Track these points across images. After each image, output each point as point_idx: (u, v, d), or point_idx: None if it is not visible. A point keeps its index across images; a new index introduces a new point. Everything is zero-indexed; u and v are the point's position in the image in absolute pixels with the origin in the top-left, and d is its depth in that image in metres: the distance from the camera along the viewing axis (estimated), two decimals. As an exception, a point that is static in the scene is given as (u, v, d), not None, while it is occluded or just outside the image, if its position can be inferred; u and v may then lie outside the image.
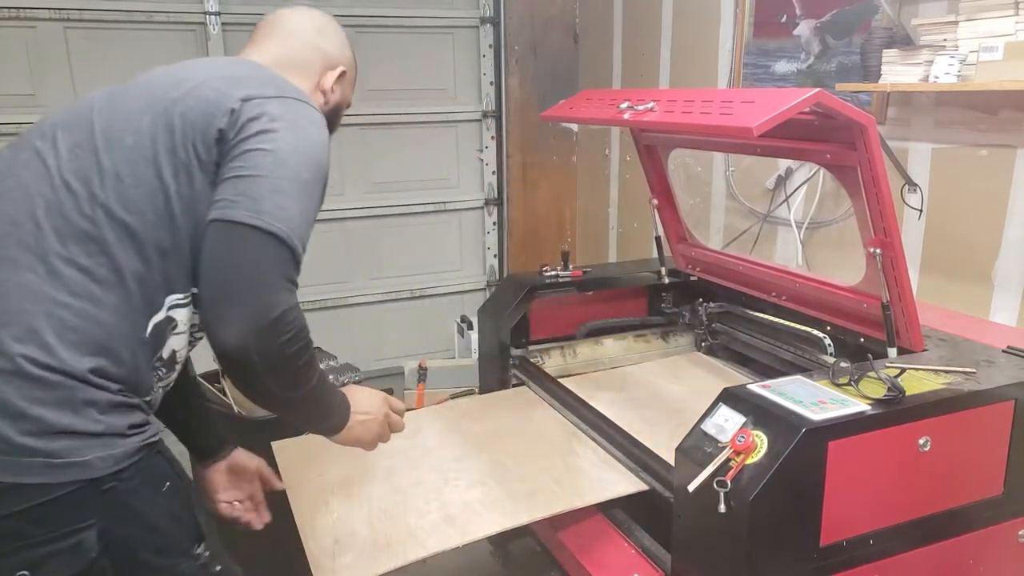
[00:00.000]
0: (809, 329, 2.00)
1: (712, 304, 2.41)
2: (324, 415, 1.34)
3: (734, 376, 2.28)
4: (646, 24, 3.76)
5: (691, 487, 1.34)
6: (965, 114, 2.36)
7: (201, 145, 1.17)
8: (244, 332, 1.09)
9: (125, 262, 1.16)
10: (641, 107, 1.77)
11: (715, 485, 1.29)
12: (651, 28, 3.72)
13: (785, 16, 2.94)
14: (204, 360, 2.85)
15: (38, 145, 1.22)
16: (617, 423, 1.87)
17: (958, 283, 2.45)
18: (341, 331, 4.21)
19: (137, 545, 1.18)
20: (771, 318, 2.15)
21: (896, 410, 1.36)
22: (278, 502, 1.99)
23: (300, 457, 1.85)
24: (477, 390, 2.58)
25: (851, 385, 1.43)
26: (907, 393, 1.39)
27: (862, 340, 1.84)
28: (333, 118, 1.45)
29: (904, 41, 2.43)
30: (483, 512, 1.61)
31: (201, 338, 1.28)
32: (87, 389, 1.12)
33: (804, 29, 2.86)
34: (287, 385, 1.18)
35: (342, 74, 1.44)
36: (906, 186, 2.54)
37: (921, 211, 2.52)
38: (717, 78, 3.31)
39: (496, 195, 4.45)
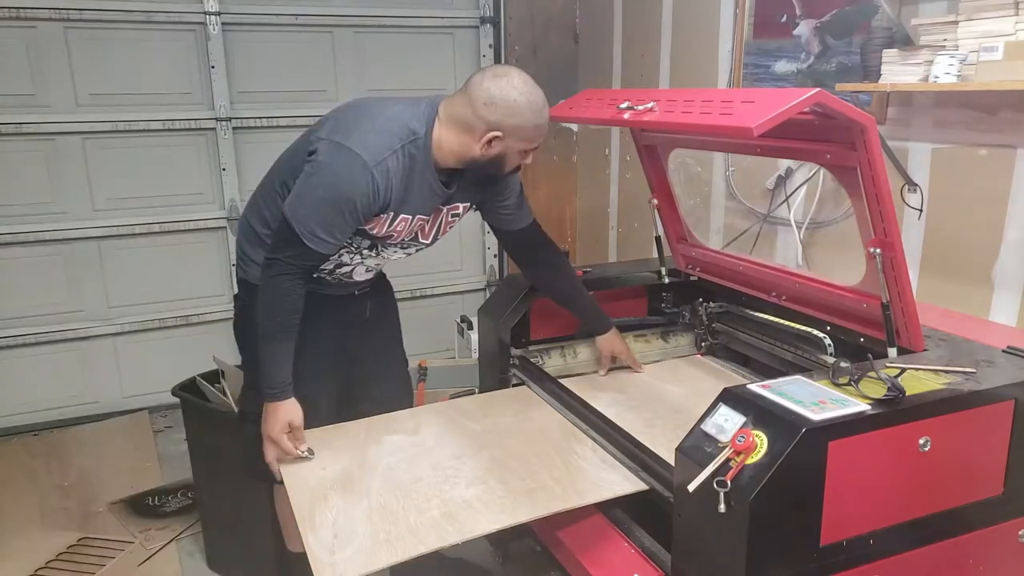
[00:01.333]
0: (809, 329, 2.00)
1: (712, 304, 2.41)
2: (262, 369, 1.83)
3: (734, 376, 2.29)
4: (646, 24, 3.77)
5: (691, 487, 1.34)
6: (965, 114, 2.36)
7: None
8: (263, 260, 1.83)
9: None
10: (641, 107, 1.77)
11: (715, 485, 1.29)
12: (651, 28, 3.72)
13: (785, 16, 2.94)
14: (205, 361, 2.87)
15: None
16: (617, 423, 1.87)
17: (958, 283, 2.45)
18: (341, 331, 4.21)
19: (247, 320, 1.91)
20: (771, 318, 2.15)
21: (896, 410, 1.37)
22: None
23: (300, 456, 1.85)
24: (477, 390, 2.58)
25: (851, 385, 1.43)
26: (907, 393, 1.39)
27: (862, 340, 1.84)
28: (496, 164, 1.84)
29: (904, 41, 2.44)
30: (482, 510, 1.61)
31: (369, 264, 2.00)
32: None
33: (804, 29, 2.86)
34: (260, 311, 1.81)
35: (496, 138, 1.77)
36: (906, 186, 2.54)
37: (921, 211, 2.52)
38: (717, 78, 3.31)
39: (496, 195, 4.45)
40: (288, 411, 1.81)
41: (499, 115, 1.76)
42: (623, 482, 1.70)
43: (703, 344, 2.47)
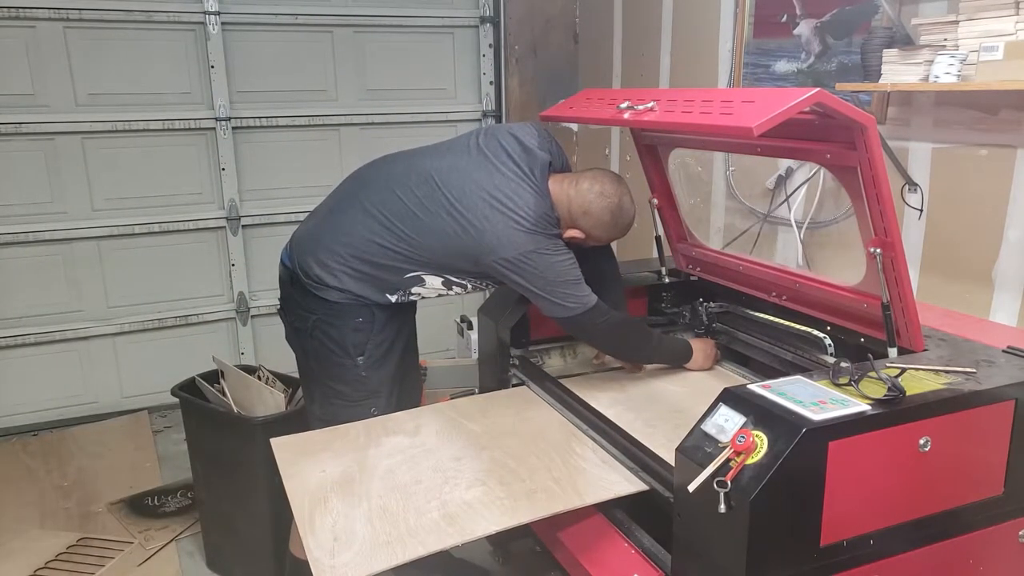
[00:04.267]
0: (809, 329, 2.00)
1: (712, 304, 2.40)
2: (664, 361, 2.29)
3: (734, 376, 2.28)
4: (646, 24, 3.77)
5: (691, 487, 1.34)
6: (965, 114, 2.36)
7: None
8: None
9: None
10: (641, 107, 1.77)
11: (715, 485, 1.29)
12: (651, 28, 3.72)
13: (785, 16, 2.94)
14: (204, 361, 2.86)
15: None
16: (617, 423, 1.87)
17: (958, 283, 2.45)
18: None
19: (327, 333, 2.06)
20: (771, 318, 2.15)
21: (896, 410, 1.36)
22: (278, 500, 1.99)
23: (300, 454, 1.84)
24: (477, 390, 2.57)
25: (851, 385, 1.43)
26: (907, 393, 1.39)
27: (862, 340, 1.84)
28: (574, 244, 2.04)
29: (904, 41, 2.43)
30: (483, 511, 1.61)
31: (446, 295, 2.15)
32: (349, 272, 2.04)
33: (804, 29, 2.86)
34: (642, 350, 2.21)
35: (577, 236, 2.01)
36: (906, 186, 2.54)
37: (921, 211, 2.52)
38: (717, 78, 3.31)
39: (496, 195, 4.44)
40: (705, 348, 2.28)
41: (588, 224, 2.00)
42: (623, 482, 1.70)
43: (703, 344, 2.47)
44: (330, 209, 2.14)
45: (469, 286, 2.12)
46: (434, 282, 2.06)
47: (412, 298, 2.12)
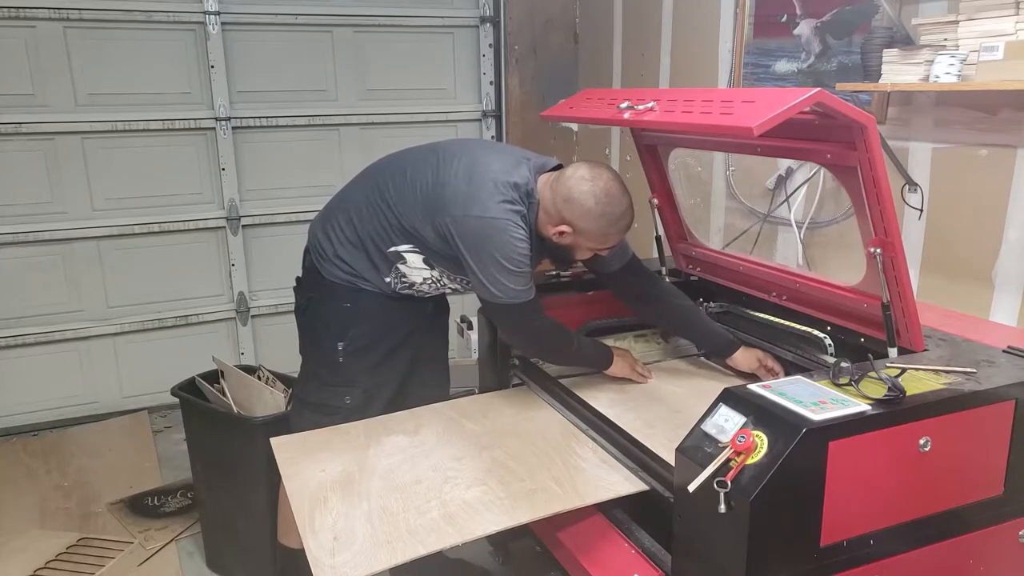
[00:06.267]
0: (809, 329, 2.00)
1: (712, 304, 2.40)
2: (583, 366, 2.20)
3: (734, 376, 2.28)
4: (646, 24, 3.77)
5: (691, 487, 1.34)
6: (965, 114, 2.36)
7: None
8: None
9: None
10: (641, 107, 1.77)
11: (715, 485, 1.29)
12: (651, 28, 3.72)
13: (785, 16, 2.94)
14: (204, 361, 2.86)
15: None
16: (617, 423, 1.87)
17: (958, 283, 2.45)
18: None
19: (316, 313, 2.09)
20: (771, 318, 2.15)
21: (896, 410, 1.36)
22: (278, 500, 1.99)
23: (300, 454, 1.85)
24: (477, 390, 2.57)
25: (851, 385, 1.43)
26: (907, 393, 1.39)
27: (862, 340, 1.84)
28: (566, 250, 1.99)
29: (904, 41, 2.43)
30: (482, 511, 1.61)
31: (444, 288, 2.11)
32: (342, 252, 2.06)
33: (804, 29, 2.86)
34: (555, 354, 2.14)
35: (565, 232, 1.90)
36: (906, 186, 2.54)
37: (921, 211, 2.52)
38: (717, 78, 3.31)
39: (496, 195, 4.44)
40: (625, 358, 2.20)
41: (573, 215, 1.88)
42: (623, 482, 1.70)
43: (703, 344, 2.47)
44: (344, 187, 2.19)
45: (459, 282, 2.08)
46: (415, 260, 2.01)
47: (404, 286, 2.07)
